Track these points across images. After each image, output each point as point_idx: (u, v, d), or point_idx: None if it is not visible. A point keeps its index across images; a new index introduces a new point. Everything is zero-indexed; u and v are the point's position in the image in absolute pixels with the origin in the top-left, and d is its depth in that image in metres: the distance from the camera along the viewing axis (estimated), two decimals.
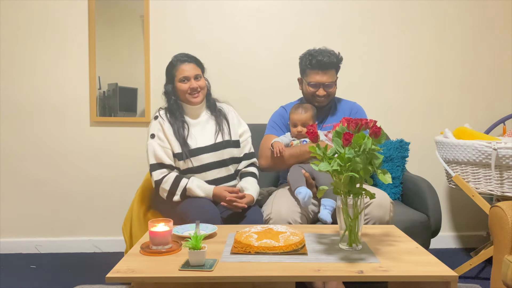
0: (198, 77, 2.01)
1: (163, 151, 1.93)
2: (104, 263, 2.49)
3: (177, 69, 2.00)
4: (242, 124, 2.15)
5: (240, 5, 2.72)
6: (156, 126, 1.98)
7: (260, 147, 2.19)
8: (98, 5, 2.64)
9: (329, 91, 2.12)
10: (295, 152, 2.03)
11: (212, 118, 2.08)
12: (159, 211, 2.03)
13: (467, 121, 2.71)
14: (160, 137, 1.95)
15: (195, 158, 1.95)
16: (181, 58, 2.02)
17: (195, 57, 2.06)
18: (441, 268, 1.27)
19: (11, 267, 2.49)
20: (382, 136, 1.35)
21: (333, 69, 2.12)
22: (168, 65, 2.05)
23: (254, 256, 1.34)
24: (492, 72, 2.83)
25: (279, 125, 2.21)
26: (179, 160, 1.95)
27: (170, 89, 2.03)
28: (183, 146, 1.94)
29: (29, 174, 2.72)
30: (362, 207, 1.39)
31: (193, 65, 2.01)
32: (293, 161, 2.04)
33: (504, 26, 2.80)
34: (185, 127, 1.99)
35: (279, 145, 2.01)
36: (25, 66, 2.66)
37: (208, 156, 1.97)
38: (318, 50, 2.12)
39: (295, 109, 2.10)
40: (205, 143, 1.99)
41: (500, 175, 2.08)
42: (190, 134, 1.99)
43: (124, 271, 1.25)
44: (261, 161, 2.15)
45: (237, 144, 2.07)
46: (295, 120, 2.07)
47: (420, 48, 2.80)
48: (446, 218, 2.88)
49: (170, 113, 2.01)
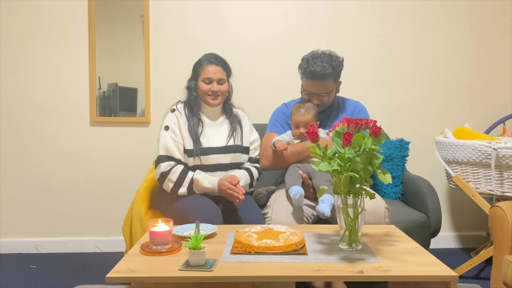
0: (222, 82, 2.02)
1: (175, 145, 1.94)
2: (104, 263, 2.50)
3: (203, 69, 2.01)
4: (254, 132, 2.17)
5: (240, 5, 2.72)
6: (172, 119, 1.99)
7: (260, 147, 2.17)
8: (98, 5, 2.64)
9: (323, 101, 2.06)
10: (297, 149, 2.01)
11: (226, 121, 2.10)
12: (160, 210, 2.04)
13: (467, 121, 2.71)
14: (174, 130, 1.96)
15: (204, 157, 1.96)
16: (210, 59, 2.03)
17: (224, 60, 2.07)
18: (441, 268, 1.27)
19: (11, 267, 2.49)
20: (382, 136, 1.35)
21: (328, 79, 2.02)
22: (196, 62, 2.07)
23: (254, 256, 1.35)
24: (492, 72, 2.83)
25: (280, 123, 2.18)
26: (189, 157, 1.96)
27: (192, 85, 2.04)
28: (195, 143, 1.95)
29: (29, 174, 2.72)
30: (362, 207, 1.39)
31: (219, 69, 2.02)
32: (294, 159, 2.02)
33: (504, 26, 2.80)
34: (200, 124, 2.01)
35: (281, 144, 1.99)
36: (25, 66, 2.66)
37: (218, 157, 1.99)
38: (317, 56, 2.02)
39: (296, 109, 2.04)
40: (217, 144, 2.00)
41: (500, 175, 2.07)
42: (203, 132, 2.00)
43: (124, 271, 1.25)
44: (263, 161, 2.12)
45: (247, 150, 2.10)
46: (297, 122, 2.02)
47: (420, 48, 2.80)
48: (446, 218, 2.88)
49: (188, 107, 2.03)
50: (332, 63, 2.00)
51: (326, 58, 2.01)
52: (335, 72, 2.02)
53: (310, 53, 2.07)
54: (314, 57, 2.02)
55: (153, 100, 2.71)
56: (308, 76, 2.02)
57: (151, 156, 2.37)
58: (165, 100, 2.59)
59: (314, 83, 2.02)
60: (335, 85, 2.09)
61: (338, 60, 2.04)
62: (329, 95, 2.06)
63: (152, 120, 2.73)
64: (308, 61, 2.02)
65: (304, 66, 2.04)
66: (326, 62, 1.99)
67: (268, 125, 2.23)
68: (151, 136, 2.66)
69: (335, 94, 2.14)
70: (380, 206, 1.85)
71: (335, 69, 2.01)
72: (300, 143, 2.02)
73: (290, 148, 2.02)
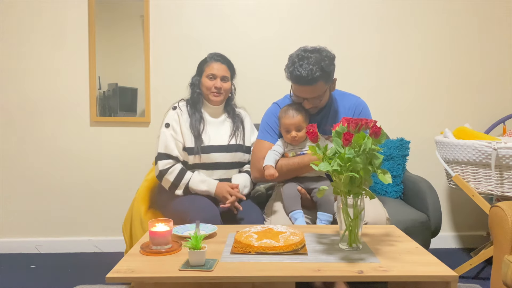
0: (225, 79, 2.04)
1: (174, 143, 1.95)
2: (104, 263, 2.49)
3: (208, 65, 2.04)
4: (255, 132, 2.16)
5: (240, 5, 2.72)
6: (173, 117, 2.00)
7: (252, 157, 2.02)
8: (98, 5, 2.64)
9: (316, 104, 1.86)
10: (294, 166, 1.85)
11: (228, 120, 2.10)
12: (159, 210, 2.04)
13: (467, 121, 2.71)
14: (175, 128, 1.97)
15: (205, 156, 1.96)
16: (215, 57, 2.07)
17: (229, 60, 2.10)
18: (441, 268, 1.27)
19: (11, 267, 2.49)
20: (382, 136, 1.35)
21: (317, 82, 1.76)
22: (202, 60, 2.10)
23: (254, 256, 1.34)
24: (492, 72, 2.83)
25: (272, 127, 2.00)
26: (189, 155, 1.96)
27: (196, 82, 2.06)
28: (197, 140, 1.96)
29: (29, 174, 2.72)
30: (362, 207, 1.39)
31: (224, 67, 2.05)
32: (291, 176, 1.89)
33: (504, 26, 2.80)
34: (202, 122, 2.01)
35: (271, 173, 1.81)
36: (25, 66, 2.66)
37: (219, 155, 1.99)
38: (304, 57, 1.76)
39: (284, 112, 1.88)
40: (218, 142, 2.00)
41: (500, 175, 2.07)
42: (205, 130, 2.01)
43: (124, 271, 1.25)
44: (255, 173, 1.97)
45: (248, 150, 2.10)
46: (287, 125, 1.86)
47: (420, 48, 2.80)
48: (446, 218, 2.88)
49: (191, 104, 2.04)
50: (321, 63, 1.75)
51: (314, 58, 1.75)
52: (324, 74, 1.76)
53: (297, 51, 1.82)
54: (301, 58, 1.77)
55: (153, 100, 2.71)
56: (294, 80, 1.80)
57: (151, 156, 2.37)
58: (165, 100, 2.59)
59: (303, 88, 1.80)
60: (327, 86, 1.84)
61: (329, 58, 1.79)
62: (322, 98, 1.85)
63: (152, 120, 2.73)
64: (294, 62, 1.78)
65: (290, 68, 1.79)
66: (314, 63, 1.74)
67: (259, 130, 2.04)
68: (151, 136, 2.66)
69: (329, 95, 1.93)
70: (381, 217, 1.81)
71: (324, 70, 1.76)
72: (297, 157, 1.87)
73: (287, 166, 1.86)
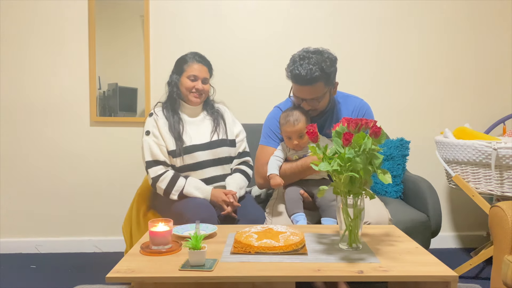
0: (206, 81, 2.04)
1: (158, 148, 1.95)
2: (104, 263, 2.49)
3: (188, 66, 2.02)
4: (237, 124, 2.16)
5: (240, 5, 2.72)
6: (150, 123, 1.99)
7: (255, 163, 2.02)
8: (98, 5, 2.64)
9: (315, 106, 1.84)
10: (297, 169, 1.85)
11: (208, 117, 2.09)
12: (158, 211, 2.04)
13: (467, 121, 2.71)
14: (155, 134, 1.96)
15: (189, 156, 1.96)
16: (196, 57, 2.04)
17: (209, 62, 2.08)
18: (441, 268, 1.27)
19: (11, 267, 2.49)
20: (382, 136, 1.35)
21: (317, 82, 1.76)
22: (180, 58, 2.07)
23: (254, 256, 1.34)
24: (492, 72, 2.83)
25: (274, 131, 1.99)
26: (173, 157, 1.95)
27: (175, 81, 2.04)
28: (178, 141, 1.95)
29: (29, 174, 2.72)
30: (362, 206, 1.39)
31: (205, 68, 2.04)
32: (295, 179, 1.89)
33: (504, 26, 2.80)
34: (181, 123, 2.00)
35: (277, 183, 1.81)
36: (25, 66, 2.66)
37: (203, 154, 1.98)
38: (305, 57, 1.77)
39: (284, 119, 1.85)
40: (200, 141, 1.99)
41: (500, 175, 2.07)
42: (185, 131, 1.99)
43: (124, 271, 1.25)
44: (259, 179, 1.99)
45: (233, 143, 2.09)
46: (288, 133, 1.85)
47: (421, 48, 2.80)
48: (446, 218, 2.88)
49: (167, 106, 2.03)
50: (321, 64, 1.74)
51: (315, 58, 1.75)
52: (325, 75, 1.76)
53: (300, 51, 1.84)
54: (302, 58, 1.77)
55: (153, 100, 2.71)
56: (293, 79, 1.80)
57: None
58: None
59: (302, 88, 1.80)
60: (327, 88, 1.82)
61: (330, 60, 1.78)
62: (320, 100, 1.83)
63: None
64: (294, 61, 1.79)
65: (290, 67, 1.80)
66: (314, 63, 1.74)
67: (262, 134, 2.04)
68: None
69: (329, 98, 1.90)
70: (384, 218, 1.81)
71: (324, 71, 1.75)
72: (299, 160, 1.86)
73: (289, 169, 1.87)
